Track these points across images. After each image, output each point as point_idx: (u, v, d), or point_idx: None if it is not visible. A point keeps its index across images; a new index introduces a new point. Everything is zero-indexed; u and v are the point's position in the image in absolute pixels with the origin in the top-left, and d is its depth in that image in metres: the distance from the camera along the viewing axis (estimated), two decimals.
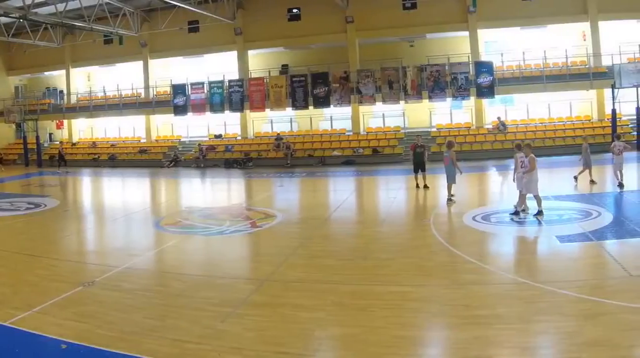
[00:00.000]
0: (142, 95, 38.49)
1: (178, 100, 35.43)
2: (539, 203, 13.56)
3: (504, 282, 9.27)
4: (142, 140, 38.98)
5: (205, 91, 35.14)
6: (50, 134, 43.80)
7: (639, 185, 19.50)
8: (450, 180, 16.76)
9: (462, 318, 7.71)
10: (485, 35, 34.12)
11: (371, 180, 25.34)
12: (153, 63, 38.32)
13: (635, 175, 21.92)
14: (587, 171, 18.54)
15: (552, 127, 31.85)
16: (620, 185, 17.34)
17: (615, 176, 17.64)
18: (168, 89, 36.74)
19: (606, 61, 31.25)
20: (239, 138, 36.46)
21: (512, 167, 15.20)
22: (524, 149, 14.08)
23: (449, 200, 16.54)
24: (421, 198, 18.70)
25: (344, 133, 34.79)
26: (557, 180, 20.05)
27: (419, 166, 19.97)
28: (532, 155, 13.80)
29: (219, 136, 36.96)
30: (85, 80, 43.01)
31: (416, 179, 20.10)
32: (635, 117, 29.05)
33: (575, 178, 18.80)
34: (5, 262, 11.61)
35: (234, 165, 32.32)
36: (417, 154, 20.08)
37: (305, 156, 32.51)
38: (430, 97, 31.90)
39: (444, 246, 11.76)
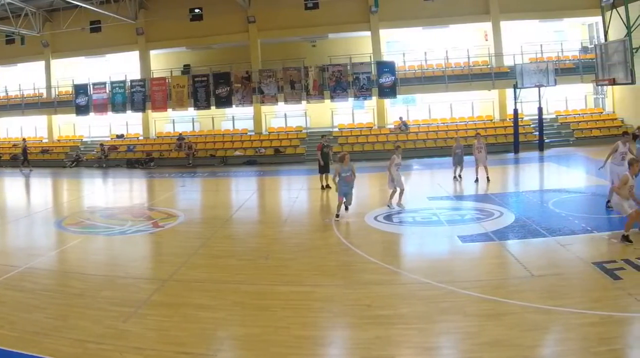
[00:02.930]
0: (45, 95, 37.71)
1: (80, 100, 34.80)
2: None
3: (406, 282, 9.36)
4: (44, 140, 38.15)
5: (108, 91, 34.63)
6: None
7: (540, 185, 19.81)
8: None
9: (364, 318, 7.80)
10: (387, 35, 34.40)
11: (273, 180, 25.31)
12: (55, 63, 37.58)
13: (536, 175, 22.31)
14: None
15: (454, 127, 32.16)
16: (476, 181, 18.45)
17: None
18: (70, 89, 36.04)
19: (508, 61, 31.85)
20: (141, 138, 36.03)
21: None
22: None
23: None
24: (324, 199, 18.70)
25: (246, 133, 34.64)
26: (459, 180, 20.13)
27: (325, 166, 20.01)
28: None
29: (121, 136, 36.52)
30: None
31: (321, 179, 20.09)
32: (536, 117, 29.29)
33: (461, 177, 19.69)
34: None
35: (136, 165, 31.98)
36: (324, 154, 20.09)
37: (207, 156, 32.27)
38: (332, 97, 31.90)
39: (346, 246, 11.82)
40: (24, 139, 34.87)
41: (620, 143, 13.96)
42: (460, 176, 19.83)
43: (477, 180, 19.04)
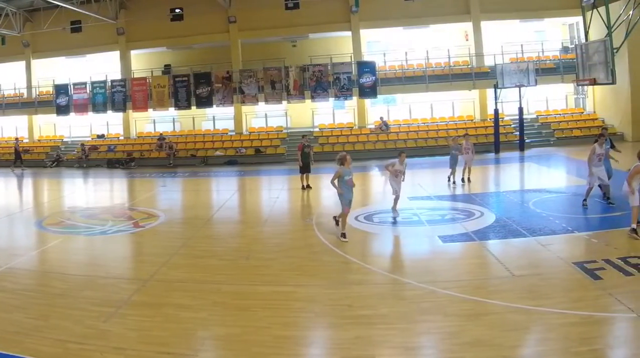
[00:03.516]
0: (25, 95, 37.52)
1: (61, 100, 34.65)
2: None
3: (387, 282, 9.38)
4: (25, 140, 37.69)
5: (88, 91, 34.50)
6: None
7: (521, 185, 19.80)
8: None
9: (344, 318, 7.81)
10: (368, 35, 34.43)
11: (254, 180, 25.27)
12: (36, 63, 37.38)
13: (517, 175, 22.36)
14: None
15: (435, 127, 32.21)
16: (463, 181, 18.72)
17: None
18: (51, 89, 35.94)
19: (488, 61, 31.97)
20: (121, 138, 35.93)
21: None
22: None
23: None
24: (304, 199, 18.74)
25: (227, 133, 34.58)
26: (440, 180, 20.11)
27: (306, 166, 19.99)
28: None
29: (102, 136, 36.43)
30: None
31: (302, 179, 20.08)
32: (517, 117, 29.37)
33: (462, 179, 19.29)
34: None
35: (117, 165, 31.92)
36: (305, 154, 20.04)
37: (188, 156, 32.25)
38: (312, 97, 31.91)
39: (327, 246, 11.79)
40: (16, 139, 34.88)
41: (597, 145, 14.06)
42: (454, 181, 19.13)
43: (463, 180, 19.07)
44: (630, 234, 10.76)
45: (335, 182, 12.34)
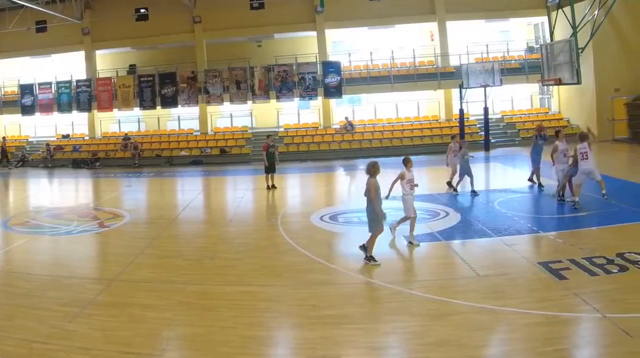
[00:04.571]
0: None
1: (26, 100, 34.46)
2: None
3: (352, 282, 9.40)
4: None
5: (53, 91, 34.31)
6: None
7: (486, 185, 19.80)
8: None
9: (310, 318, 7.82)
10: (333, 35, 34.53)
11: (219, 180, 25.29)
12: (0, 63, 37.01)
13: (482, 175, 22.35)
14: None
15: (400, 127, 32.27)
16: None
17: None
18: (16, 89, 35.72)
19: (454, 61, 32.11)
20: (86, 138, 35.73)
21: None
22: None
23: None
24: (270, 199, 18.77)
25: (192, 133, 34.51)
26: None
27: (272, 166, 19.99)
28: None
29: (67, 136, 36.22)
30: None
31: (267, 179, 20.07)
32: (482, 117, 29.50)
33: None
34: None
35: (82, 165, 31.73)
36: (270, 154, 20.05)
37: (153, 156, 32.12)
38: (277, 97, 31.92)
39: (292, 246, 11.82)
40: (3, 138, 34.74)
41: (558, 142, 14.25)
42: (455, 188, 17.68)
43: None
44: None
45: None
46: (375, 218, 10.26)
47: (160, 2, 33.52)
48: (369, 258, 10.12)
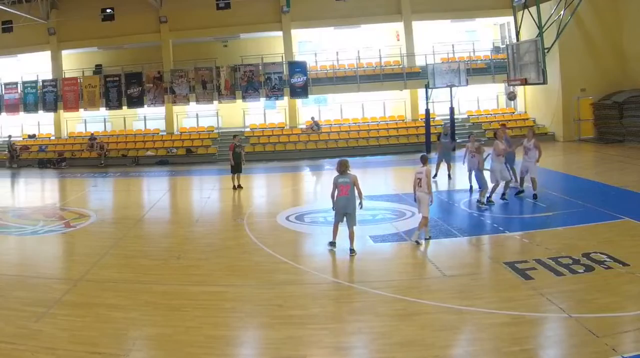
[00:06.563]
0: None
1: None
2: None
3: (318, 282, 9.47)
4: None
5: (19, 91, 34.08)
6: None
7: (452, 185, 19.99)
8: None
9: (275, 318, 7.91)
10: (299, 35, 34.54)
11: (185, 180, 25.26)
12: None
13: (447, 175, 22.51)
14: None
15: (366, 127, 32.34)
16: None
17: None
18: None
19: (420, 61, 32.16)
20: (53, 138, 35.48)
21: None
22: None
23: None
24: (235, 199, 18.79)
25: (158, 133, 34.38)
26: (370, 180, 20.16)
27: (238, 166, 20.00)
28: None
29: (33, 136, 35.94)
30: None
31: (233, 179, 20.09)
32: (448, 117, 29.61)
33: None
34: None
35: (48, 165, 31.54)
36: (236, 154, 20.05)
37: (119, 156, 31.96)
38: (244, 97, 31.87)
39: (258, 246, 11.91)
40: (9, 136, 34.27)
41: (498, 142, 14.70)
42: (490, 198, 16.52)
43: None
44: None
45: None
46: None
47: (126, 2, 33.32)
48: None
